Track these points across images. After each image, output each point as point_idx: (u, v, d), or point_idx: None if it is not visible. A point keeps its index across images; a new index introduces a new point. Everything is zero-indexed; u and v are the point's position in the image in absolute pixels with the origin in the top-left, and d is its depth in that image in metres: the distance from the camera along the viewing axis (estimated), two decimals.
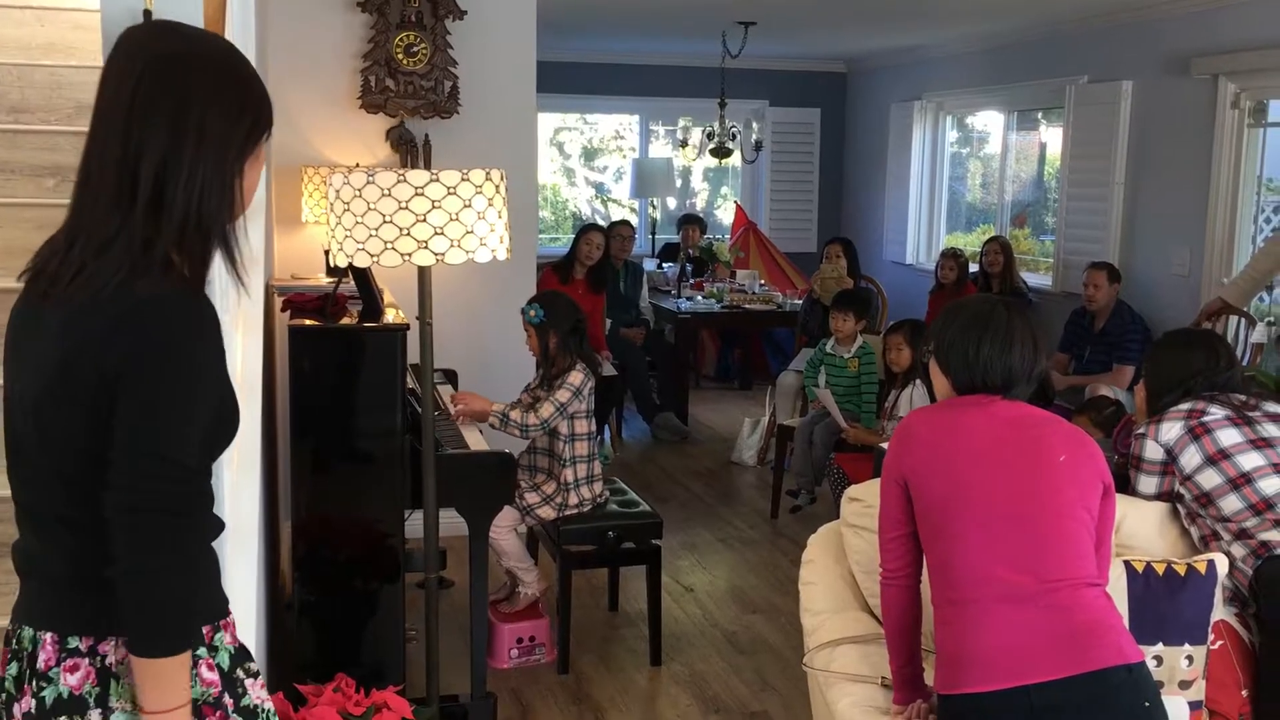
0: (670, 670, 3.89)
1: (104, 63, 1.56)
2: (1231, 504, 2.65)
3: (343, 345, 3.18)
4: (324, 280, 4.52)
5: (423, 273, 2.97)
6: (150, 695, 1.46)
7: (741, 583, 4.71)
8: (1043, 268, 7.55)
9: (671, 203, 10.20)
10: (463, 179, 2.79)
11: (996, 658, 2.07)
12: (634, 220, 9.62)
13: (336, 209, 2.81)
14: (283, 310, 3.34)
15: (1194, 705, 2.50)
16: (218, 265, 1.56)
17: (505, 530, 3.91)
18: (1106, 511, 2.23)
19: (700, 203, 10.55)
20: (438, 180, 2.76)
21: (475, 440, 3.60)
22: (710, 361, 8.80)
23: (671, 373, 7.30)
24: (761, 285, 7.95)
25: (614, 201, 10.15)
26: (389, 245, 2.76)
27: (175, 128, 1.47)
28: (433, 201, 2.76)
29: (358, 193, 2.76)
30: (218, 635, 1.57)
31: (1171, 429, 2.77)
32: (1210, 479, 2.69)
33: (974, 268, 7.17)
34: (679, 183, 10.40)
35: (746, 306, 7.45)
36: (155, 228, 1.48)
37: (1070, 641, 2.05)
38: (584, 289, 6.46)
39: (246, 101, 1.55)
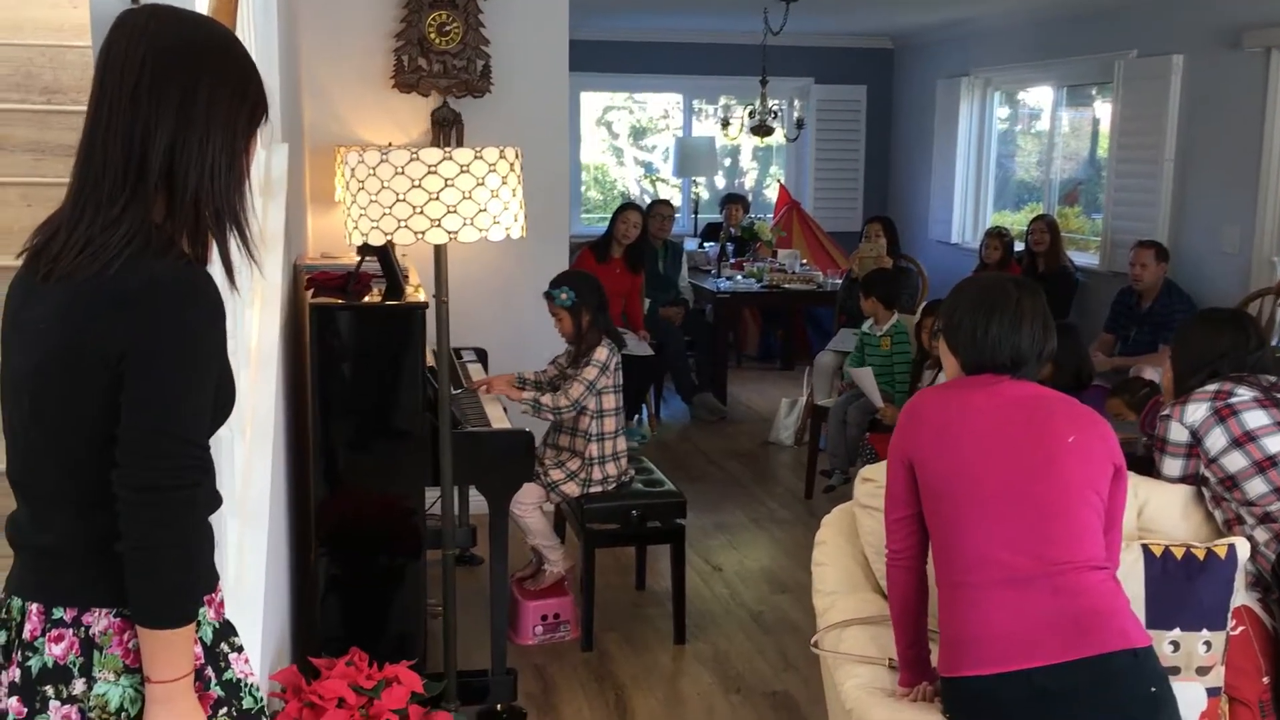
0: (694, 649, 3.89)
1: (101, 46, 1.57)
2: (1256, 487, 2.58)
3: (362, 323, 3.20)
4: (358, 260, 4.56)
5: (438, 251, 2.98)
6: (157, 666, 1.49)
7: (771, 563, 4.69)
8: (1092, 247, 7.40)
9: (720, 182, 10.14)
10: (476, 157, 2.79)
11: (998, 640, 2.04)
12: (679, 200, 9.59)
13: (351, 187, 2.82)
14: (306, 289, 3.36)
15: (1212, 691, 2.45)
16: (232, 245, 1.58)
17: (531, 508, 3.92)
18: (1117, 494, 2.18)
19: (749, 182, 10.48)
20: (450, 158, 2.76)
21: (498, 418, 3.61)
22: (752, 341, 8.76)
23: (710, 353, 7.27)
24: (803, 265, 7.88)
25: (662, 181, 10.12)
26: (402, 223, 2.77)
27: (184, 112, 1.49)
28: (446, 179, 2.76)
29: (372, 171, 2.77)
30: (200, 610, 1.59)
31: (1197, 410, 2.71)
32: (1235, 462, 2.62)
33: (1020, 246, 7.05)
34: (727, 162, 10.34)
35: (786, 286, 7.39)
36: (164, 207, 1.50)
37: (1073, 625, 2.02)
38: (621, 268, 6.45)
39: (248, 84, 1.58)
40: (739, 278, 7.53)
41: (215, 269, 1.57)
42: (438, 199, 2.76)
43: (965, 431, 2.16)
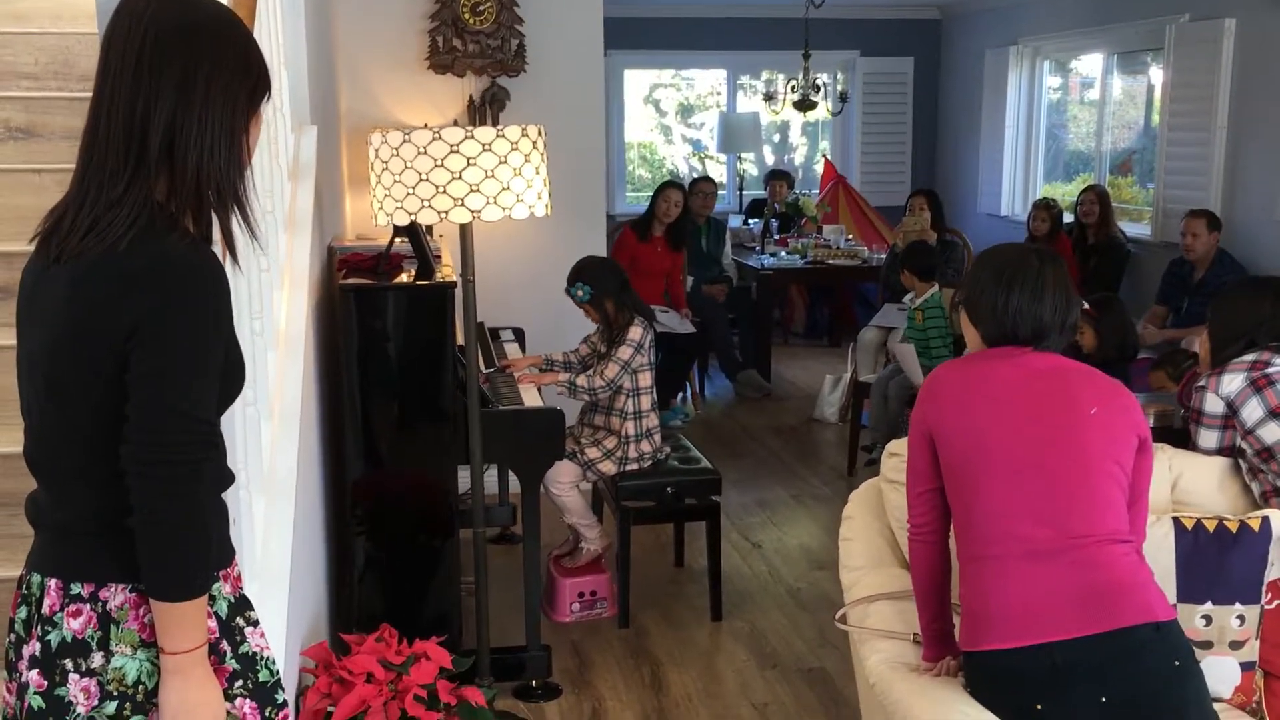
0: (730, 625, 3.89)
1: (105, 28, 1.60)
2: None
3: (391, 303, 3.23)
4: (400, 242, 4.60)
5: (463, 230, 3.00)
6: (171, 637, 1.52)
7: (810, 539, 4.67)
8: (1145, 217, 7.24)
9: (770, 158, 10.07)
10: (498, 135, 2.80)
11: (1018, 614, 2.02)
12: (725, 177, 9.55)
13: (375, 168, 2.85)
14: (338, 270, 3.40)
15: (1246, 666, 2.40)
16: (235, 223, 1.61)
17: (567, 486, 3.94)
18: (1142, 466, 2.14)
19: (798, 158, 10.40)
20: (473, 137, 2.77)
21: (531, 397, 3.63)
22: (800, 318, 8.71)
23: (754, 330, 7.24)
24: (848, 240, 7.81)
25: (710, 158, 10.07)
26: (426, 203, 2.79)
27: (184, 90, 1.52)
28: (468, 158, 2.77)
29: (395, 151, 2.79)
30: (216, 585, 1.62)
31: (1233, 381, 2.65)
32: (1273, 433, 2.57)
33: (1069, 218, 6.93)
34: (776, 138, 10.26)
35: (830, 262, 7.33)
36: (166, 186, 1.53)
37: (1095, 599, 1.99)
38: (662, 246, 6.43)
39: (249, 62, 1.60)
40: (783, 254, 7.48)
41: (219, 247, 1.59)
42: (460, 178, 2.77)
43: (986, 404, 2.14)
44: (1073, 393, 2.12)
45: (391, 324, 3.24)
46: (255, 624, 1.69)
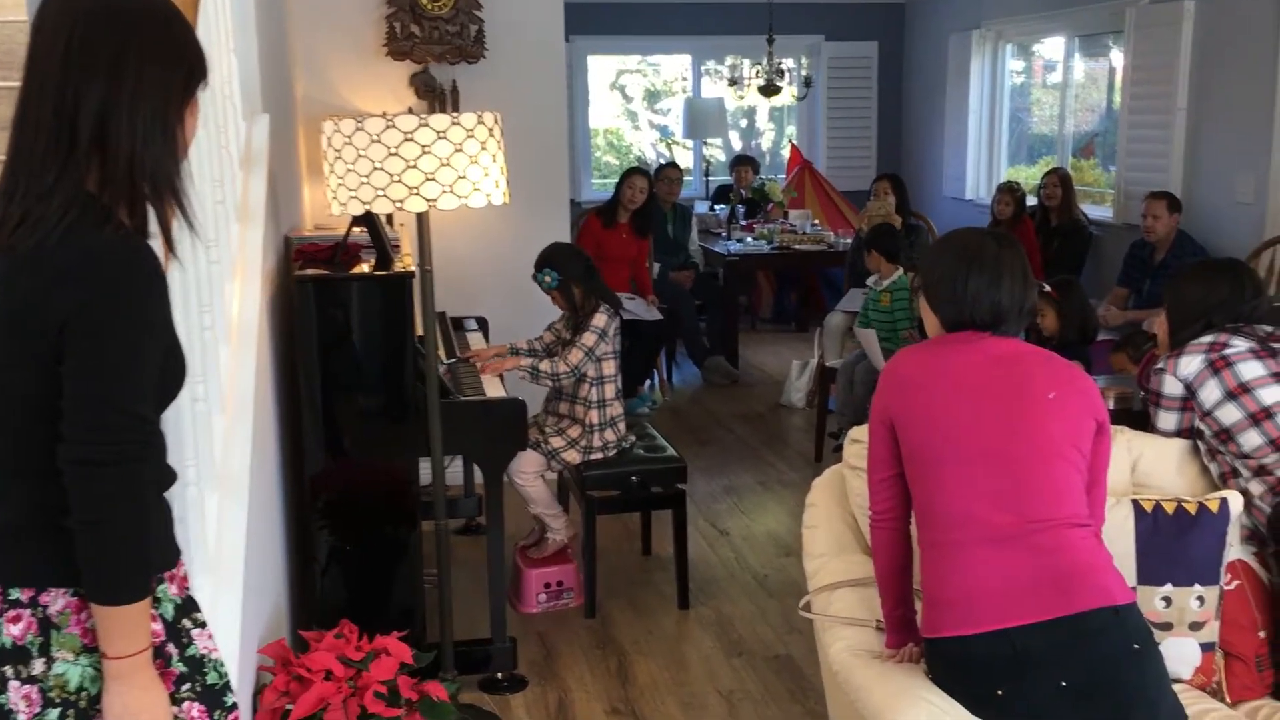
0: (697, 613, 3.88)
1: (34, 14, 1.56)
2: (1251, 439, 2.53)
3: (347, 294, 3.18)
4: (359, 232, 4.54)
5: (420, 219, 2.96)
6: (113, 642, 1.49)
7: (778, 526, 4.67)
8: (1107, 199, 7.28)
9: (737, 144, 10.04)
10: (453, 123, 2.76)
11: (978, 600, 2.02)
12: (691, 163, 9.51)
13: (329, 156, 2.80)
14: (295, 261, 3.35)
15: (1206, 647, 2.41)
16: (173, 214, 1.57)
17: (532, 476, 3.92)
18: (1100, 450, 2.14)
19: (765, 143, 10.38)
20: (427, 125, 2.73)
21: (494, 387, 3.60)
22: (767, 304, 8.70)
23: (722, 316, 7.22)
24: (814, 225, 7.81)
25: (678, 144, 10.04)
26: (381, 192, 2.74)
27: (113, 76, 1.48)
28: (423, 147, 2.73)
29: (348, 139, 2.75)
30: (161, 587, 1.59)
31: (1191, 363, 2.65)
32: (1230, 414, 2.57)
33: (1033, 201, 6.95)
34: (742, 123, 10.23)
35: (796, 247, 7.32)
36: (98, 177, 1.49)
37: (1053, 584, 1.99)
38: (628, 233, 6.40)
39: (182, 50, 1.56)
40: (749, 240, 7.47)
41: (156, 240, 1.55)
42: (415, 166, 2.73)
43: (945, 390, 2.13)
44: (1031, 378, 2.11)
45: (349, 315, 3.19)
46: (203, 625, 1.65)
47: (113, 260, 1.46)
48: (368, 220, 3.32)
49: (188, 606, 1.64)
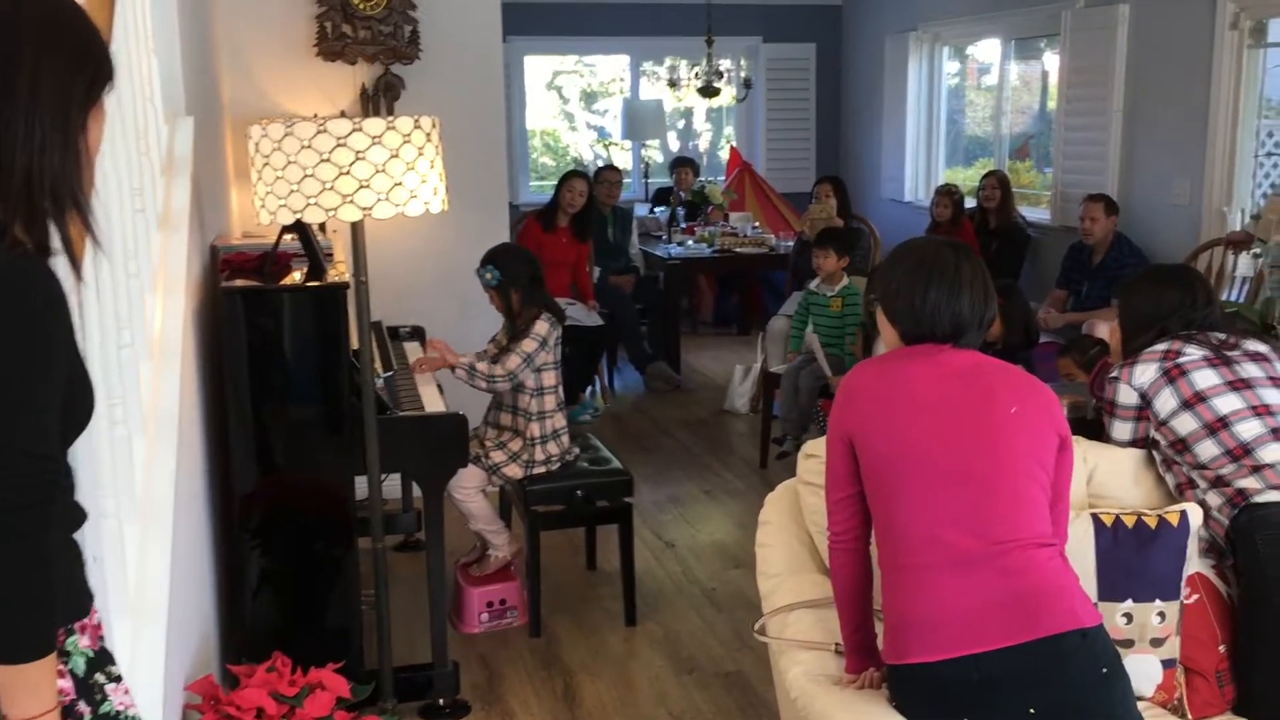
0: (645, 630, 3.79)
1: None
2: (1208, 450, 2.50)
3: (277, 306, 3.04)
4: (289, 240, 4.38)
5: (355, 228, 2.82)
6: (15, 703, 1.34)
7: (724, 535, 4.59)
8: (1044, 201, 7.32)
9: (675, 145, 9.96)
10: (388, 127, 2.63)
11: (943, 625, 1.95)
12: (630, 164, 9.42)
13: (256, 163, 2.66)
14: (221, 271, 3.20)
15: (1167, 663, 2.37)
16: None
17: (472, 492, 3.79)
18: (1063, 465, 2.09)
19: (703, 145, 10.32)
20: (360, 130, 2.61)
21: (433, 400, 3.47)
22: (708, 307, 8.64)
23: (663, 320, 7.14)
24: (755, 228, 7.76)
25: (616, 145, 9.94)
26: (312, 200, 2.61)
27: (7, 84, 1.33)
28: (356, 153, 2.60)
29: (277, 145, 2.61)
30: (70, 639, 1.45)
31: (1145, 371, 2.61)
32: (1186, 424, 2.53)
33: (971, 203, 6.96)
34: (680, 125, 10.16)
35: (738, 250, 7.27)
36: None
37: (1020, 607, 1.92)
38: (567, 237, 6.29)
39: (84, 53, 1.42)
40: (690, 243, 7.40)
41: (59, 258, 1.41)
42: (349, 173, 2.60)
43: (905, 405, 2.06)
44: (993, 392, 2.05)
45: (280, 328, 3.05)
46: (118, 680, 1.52)
47: (12, 281, 1.32)
48: (299, 228, 3.18)
49: (101, 659, 1.50)
